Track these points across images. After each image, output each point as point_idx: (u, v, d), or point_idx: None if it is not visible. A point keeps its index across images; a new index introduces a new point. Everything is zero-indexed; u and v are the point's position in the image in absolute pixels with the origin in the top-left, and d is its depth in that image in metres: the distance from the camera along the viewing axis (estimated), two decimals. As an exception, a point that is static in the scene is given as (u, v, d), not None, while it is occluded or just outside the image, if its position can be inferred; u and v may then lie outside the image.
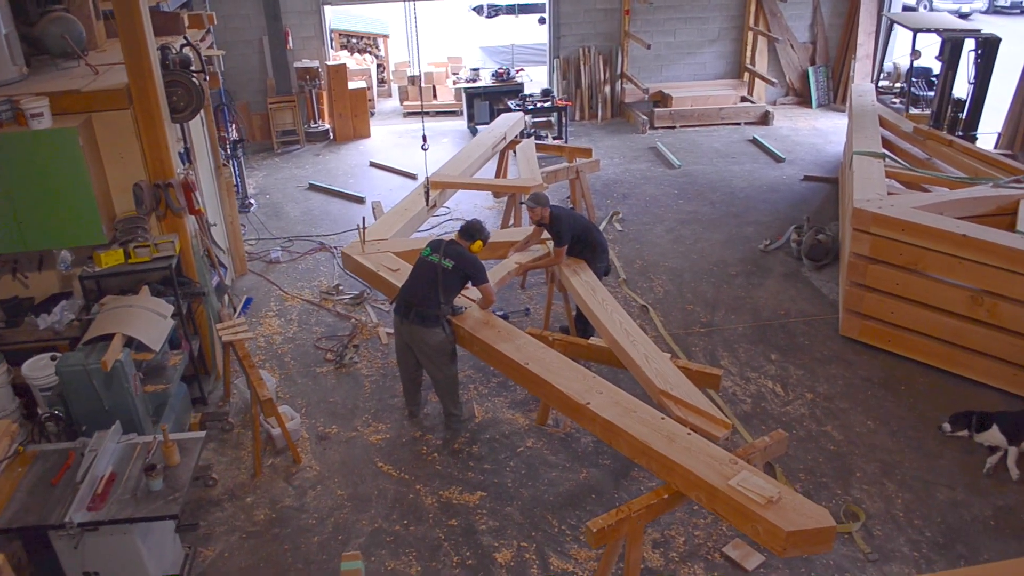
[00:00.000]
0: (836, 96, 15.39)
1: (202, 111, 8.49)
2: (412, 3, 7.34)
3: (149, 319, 6.15)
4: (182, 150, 7.48)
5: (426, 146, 7.95)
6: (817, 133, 14.11)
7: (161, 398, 6.24)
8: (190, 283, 7.09)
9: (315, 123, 14.25)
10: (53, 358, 6.04)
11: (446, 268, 6.32)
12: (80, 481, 4.96)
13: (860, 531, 5.71)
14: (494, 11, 20.97)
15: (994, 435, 6.34)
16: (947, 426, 6.57)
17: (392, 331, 8.16)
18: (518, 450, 6.62)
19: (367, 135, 14.48)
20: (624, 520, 4.78)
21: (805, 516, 4.42)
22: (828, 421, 6.88)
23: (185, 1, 10.99)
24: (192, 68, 7.29)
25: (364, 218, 7.91)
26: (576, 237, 7.30)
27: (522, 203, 7.56)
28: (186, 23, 9.62)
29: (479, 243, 6.62)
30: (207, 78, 7.73)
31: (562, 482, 6.26)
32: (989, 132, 11.79)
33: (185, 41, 7.33)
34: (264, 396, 6.12)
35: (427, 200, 8.38)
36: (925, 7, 25.09)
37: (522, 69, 15.27)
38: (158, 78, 6.47)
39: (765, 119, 14.47)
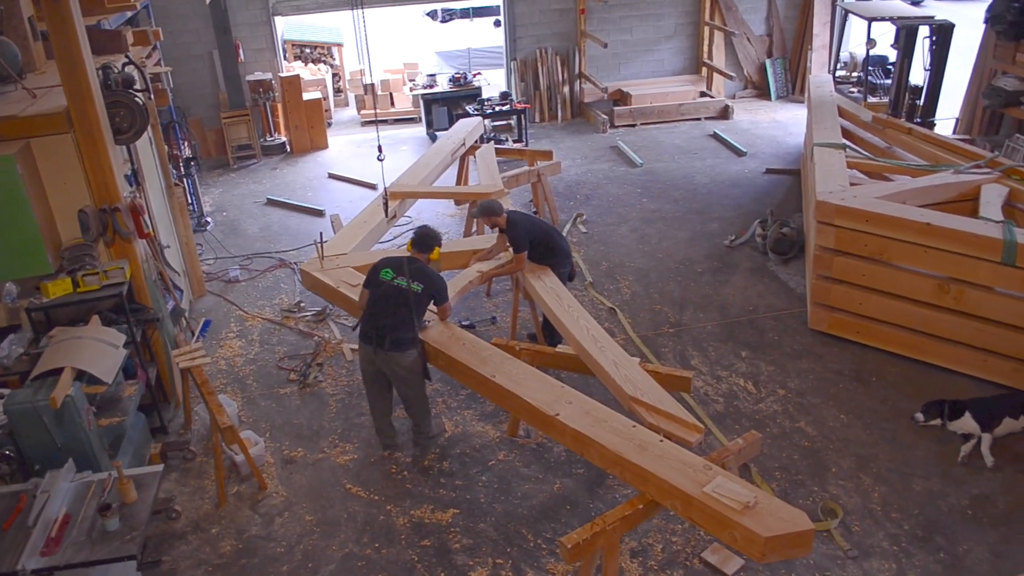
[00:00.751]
0: (795, 88, 15.45)
1: (149, 130, 8.27)
2: (360, 11, 7.14)
3: (100, 350, 5.92)
4: (129, 172, 7.25)
5: (382, 156, 7.71)
6: (777, 125, 14.13)
7: (117, 431, 6.01)
8: (143, 309, 6.85)
9: (271, 136, 14.00)
10: (0, 396, 5.78)
11: (416, 292, 6.05)
12: (32, 525, 4.74)
13: (839, 528, 5.65)
14: (448, 15, 20.85)
15: (967, 422, 6.32)
16: (920, 416, 6.53)
17: (356, 347, 8.04)
18: (489, 464, 6.48)
19: (325, 146, 14.26)
20: (599, 534, 4.67)
21: (782, 520, 4.33)
22: (801, 417, 6.82)
23: (129, 18, 10.71)
24: (136, 87, 7.07)
25: (321, 233, 7.72)
26: (536, 242, 7.17)
27: (471, 215, 7.38)
28: (130, 40, 9.38)
29: (437, 250, 6.42)
30: (151, 96, 7.50)
31: (536, 494, 6.13)
32: (947, 118, 11.87)
33: (127, 59, 7.09)
34: (224, 423, 5.92)
35: (386, 211, 8.20)
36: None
37: (479, 73, 15.14)
38: (98, 99, 6.24)
39: (725, 113, 14.48)
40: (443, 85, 14.43)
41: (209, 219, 11.36)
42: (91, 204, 6.45)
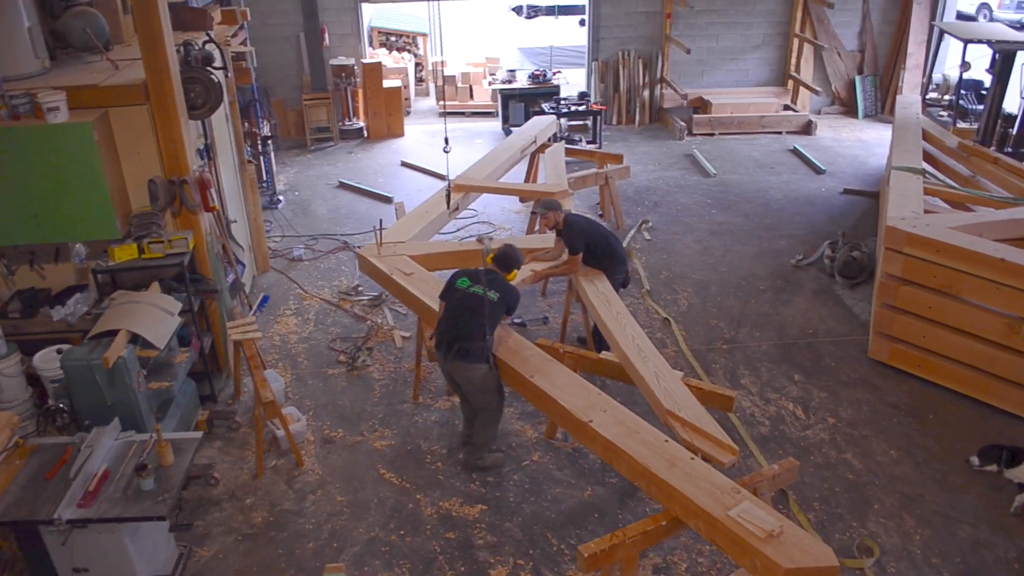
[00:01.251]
0: (884, 107, 14.91)
1: (227, 107, 8.52)
2: (437, 3, 7.21)
3: (156, 316, 6.12)
4: (202, 146, 7.47)
5: (448, 148, 7.82)
6: (861, 145, 13.67)
7: (166, 395, 6.22)
8: (203, 280, 7.07)
9: (349, 121, 14.24)
10: (59, 351, 6.05)
11: (492, 300, 5.89)
12: (73, 477, 4.93)
13: (873, 567, 5.44)
14: (533, 12, 20.79)
15: (1025, 472, 6.02)
16: (975, 459, 6.25)
17: (406, 335, 8.14)
18: (524, 464, 6.47)
19: (401, 134, 14.44)
20: (618, 546, 4.61)
21: (807, 553, 4.20)
22: (849, 448, 6.60)
23: (222, -3, 11.05)
24: (214, 65, 7.27)
25: (381, 220, 7.80)
26: (592, 246, 7.11)
27: (533, 212, 7.37)
28: (217, 19, 9.69)
29: (515, 273, 6.26)
30: (228, 75, 7.71)
31: (565, 499, 6.09)
32: (1042, 149, 11.27)
33: (208, 37, 7.30)
34: (266, 398, 6.06)
35: (448, 203, 8.25)
36: (985, 16, 24.24)
37: (559, 71, 15.08)
38: (175, 75, 6.45)
39: (808, 129, 14.08)
40: (522, 81, 14.42)
41: (281, 198, 11.63)
42: (161, 175, 6.67)
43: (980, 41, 10.24)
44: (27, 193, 6.27)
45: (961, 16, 19.10)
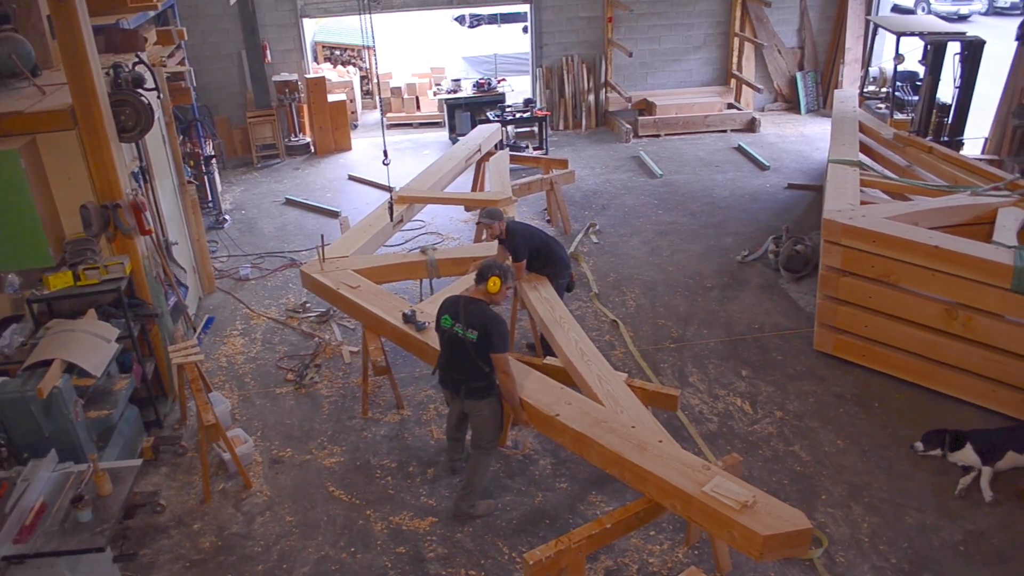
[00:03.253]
0: (826, 102, 15.17)
1: (163, 128, 8.41)
2: (369, 16, 7.19)
3: (91, 343, 6.01)
4: (137, 169, 7.36)
5: (387, 161, 7.79)
6: (804, 140, 13.90)
7: (106, 423, 6.09)
8: (142, 304, 6.96)
9: (295, 137, 14.14)
10: (-6, 384, 5.90)
11: (472, 341, 5.49)
12: (8, 512, 4.81)
13: (822, 557, 5.50)
14: (476, 21, 20.88)
15: (968, 454, 6.13)
16: (920, 445, 6.37)
17: (354, 350, 8.07)
18: (475, 473, 6.43)
19: (348, 148, 14.36)
20: (564, 551, 4.62)
21: (781, 519, 4.36)
22: (796, 440, 6.67)
23: (159, 17, 10.91)
24: (146, 86, 7.17)
25: (323, 236, 7.75)
26: (535, 251, 7.13)
27: (478, 222, 7.37)
28: (153, 40, 9.57)
29: (494, 280, 5.62)
30: (160, 96, 7.60)
31: (516, 507, 6.08)
32: (976, 137, 11.55)
33: (138, 59, 7.19)
34: (208, 421, 5.97)
35: (391, 215, 8.22)
36: (923, 10, 24.84)
37: (504, 79, 15.13)
38: (103, 98, 6.35)
39: (752, 126, 14.28)
40: (467, 90, 14.45)
41: (227, 217, 11.49)
42: (94, 200, 6.56)
43: (912, 34, 10.47)
44: (-46, 224, 6.13)
45: (899, 9, 19.51)
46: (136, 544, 5.86)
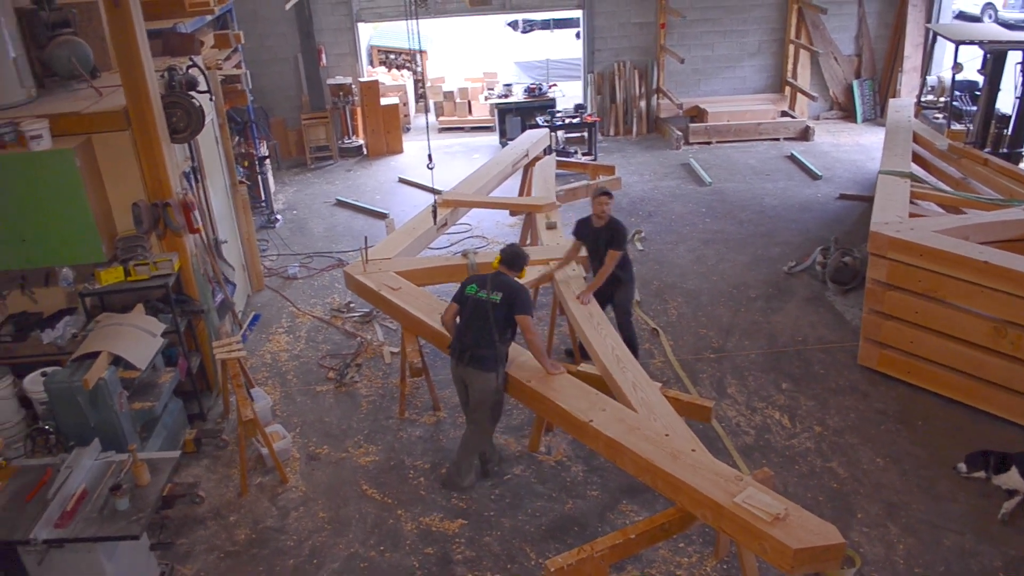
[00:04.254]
0: (883, 110, 14.81)
1: (216, 129, 8.64)
2: (415, 22, 7.30)
3: (138, 337, 6.21)
4: (188, 169, 7.57)
5: (431, 165, 7.91)
6: (860, 149, 13.60)
7: (149, 415, 6.30)
8: (189, 300, 7.16)
9: (348, 139, 14.37)
10: (43, 374, 6.15)
11: (495, 302, 5.85)
12: (51, 498, 5.01)
13: (854, 577, 5.40)
14: (529, 26, 20.92)
15: (1013, 478, 5.94)
16: (963, 466, 6.20)
17: (395, 351, 8.18)
18: (506, 477, 6.47)
19: (400, 151, 14.55)
20: (586, 560, 4.62)
21: (813, 533, 4.33)
22: (835, 457, 6.55)
23: (218, 21, 11.20)
24: (199, 88, 7.38)
25: (366, 237, 7.87)
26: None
27: (600, 194, 7.09)
28: (210, 43, 9.84)
29: (525, 272, 6.28)
30: (212, 98, 7.81)
31: (546, 513, 6.09)
32: (1040, 149, 11.17)
33: (191, 62, 7.41)
34: (246, 416, 6.13)
35: (435, 219, 8.31)
36: (990, 16, 24.07)
37: (555, 84, 15.14)
38: (156, 100, 6.56)
39: (805, 134, 14.03)
40: (518, 95, 14.49)
41: (279, 217, 11.74)
42: (145, 198, 6.78)
43: (970, 42, 10.18)
44: (14, 219, 6.39)
45: (964, 16, 18.98)
46: (174, 534, 6.04)
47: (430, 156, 7.91)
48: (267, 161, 11.77)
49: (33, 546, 4.79)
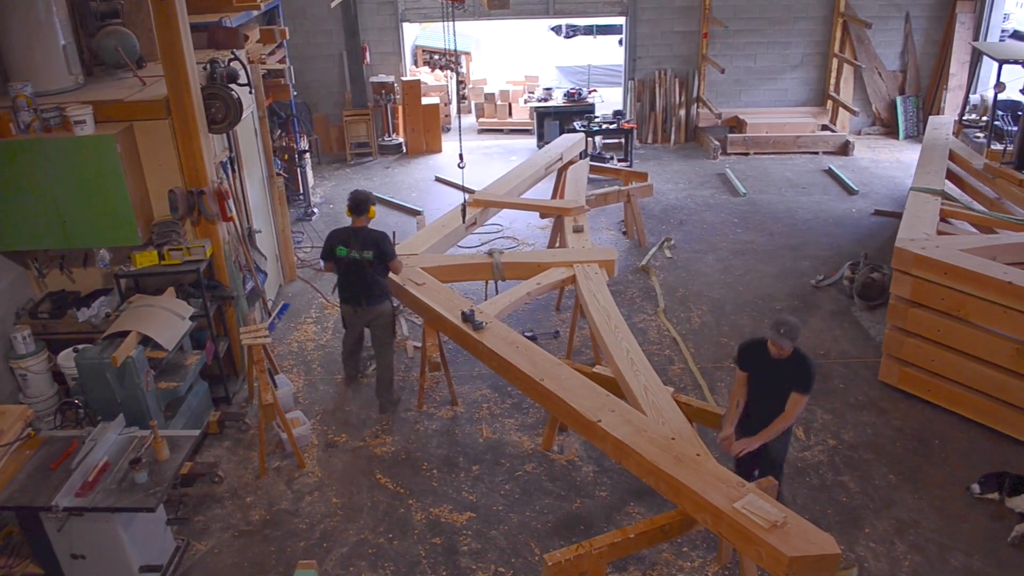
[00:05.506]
0: (926, 128, 14.60)
1: (256, 121, 8.88)
2: (452, 23, 7.45)
3: (166, 319, 6.44)
4: (225, 159, 7.80)
5: (462, 164, 8.06)
6: (899, 166, 13.42)
7: (173, 395, 6.51)
8: (220, 286, 7.38)
9: (389, 136, 14.59)
10: (75, 350, 6.40)
11: (369, 260, 6.89)
12: (75, 468, 5.22)
13: (855, 591, 5.39)
14: (572, 32, 21.00)
15: (1027, 500, 5.89)
16: (976, 487, 6.14)
17: (418, 344, 8.32)
18: (516, 474, 6.57)
19: (439, 150, 14.73)
20: (583, 556, 4.70)
21: (809, 542, 4.38)
22: (847, 471, 6.53)
23: (265, 16, 11.48)
24: (239, 81, 7.61)
25: (394, 232, 8.04)
26: None
27: (780, 333, 5.24)
28: (256, 38, 10.10)
29: (372, 209, 7.18)
30: (252, 91, 8.04)
31: (554, 510, 6.17)
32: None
33: (232, 55, 7.64)
34: (266, 400, 6.31)
35: (463, 218, 8.44)
36: (1048, 37, 23.50)
37: (595, 90, 15.19)
38: (196, 91, 6.78)
39: (845, 149, 13.89)
40: (557, 99, 14.59)
41: (315, 210, 11.98)
42: (181, 186, 7.01)
43: (1013, 61, 10.03)
44: (56, 201, 6.66)
45: (1020, 36, 18.57)
46: (192, 511, 6.25)
47: (461, 155, 8.04)
48: (307, 155, 12.01)
49: (54, 513, 5.01)
